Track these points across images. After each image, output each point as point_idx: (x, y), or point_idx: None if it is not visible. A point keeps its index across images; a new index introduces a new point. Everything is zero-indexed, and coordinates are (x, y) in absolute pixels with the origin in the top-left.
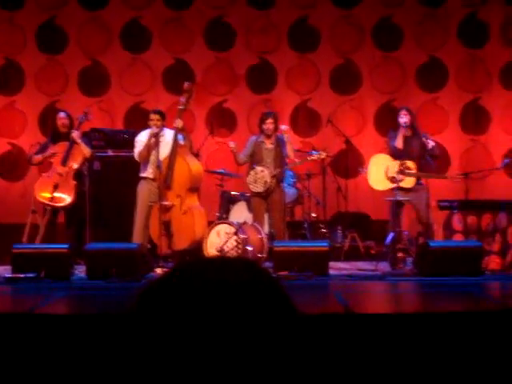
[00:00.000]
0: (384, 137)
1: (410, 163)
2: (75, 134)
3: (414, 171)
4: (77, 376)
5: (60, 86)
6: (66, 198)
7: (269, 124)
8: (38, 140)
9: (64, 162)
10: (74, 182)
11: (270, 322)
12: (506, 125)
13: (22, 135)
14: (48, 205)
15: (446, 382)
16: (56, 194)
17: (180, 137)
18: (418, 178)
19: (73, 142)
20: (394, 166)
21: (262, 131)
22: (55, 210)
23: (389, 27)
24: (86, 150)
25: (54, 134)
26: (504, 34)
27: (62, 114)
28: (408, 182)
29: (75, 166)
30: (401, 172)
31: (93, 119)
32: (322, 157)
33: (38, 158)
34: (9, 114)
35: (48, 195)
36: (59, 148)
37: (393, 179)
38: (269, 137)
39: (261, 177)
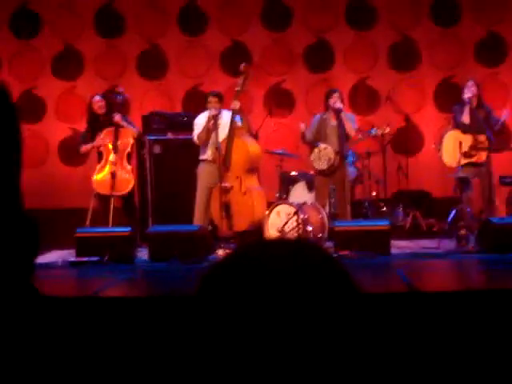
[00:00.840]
0: (444, 113)
1: (481, 137)
2: (118, 117)
3: (486, 145)
4: (141, 357)
5: (119, 70)
6: (126, 185)
7: (335, 98)
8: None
9: (115, 149)
10: (130, 167)
11: (332, 302)
12: None
13: (82, 120)
14: (111, 195)
15: None
16: (116, 183)
17: (237, 118)
18: (489, 153)
19: (117, 127)
20: (467, 141)
21: (327, 107)
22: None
23: (447, 2)
24: (132, 131)
25: (93, 119)
26: None
27: (97, 98)
28: (481, 157)
29: (127, 150)
30: (474, 147)
31: (152, 102)
32: (387, 131)
33: (87, 147)
34: (69, 100)
35: (108, 186)
36: (106, 136)
37: (466, 154)
38: (334, 113)
39: (324, 154)
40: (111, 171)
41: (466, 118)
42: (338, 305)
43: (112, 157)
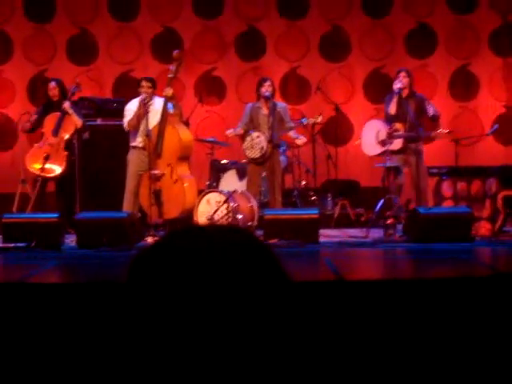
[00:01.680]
0: (373, 103)
1: (398, 125)
2: (66, 105)
3: (401, 132)
4: (68, 345)
5: (48, 55)
6: (57, 169)
7: (267, 86)
8: (26, 109)
9: (55, 133)
10: (66, 153)
11: (261, 288)
12: (495, 91)
13: (11, 105)
14: (39, 175)
15: (437, 348)
16: (47, 165)
17: (170, 105)
18: (413, 140)
19: (64, 113)
20: (384, 129)
21: (259, 96)
22: (45, 180)
23: None
24: (78, 121)
25: (47, 104)
26: None
27: (52, 84)
28: (396, 144)
29: (66, 136)
30: (390, 135)
31: (82, 88)
32: (319, 120)
33: (27, 125)
34: None
35: (39, 166)
36: (51, 119)
37: (383, 143)
38: (266, 102)
39: (257, 142)
40: (46, 153)
41: (392, 109)
42: (268, 290)
43: (51, 139)
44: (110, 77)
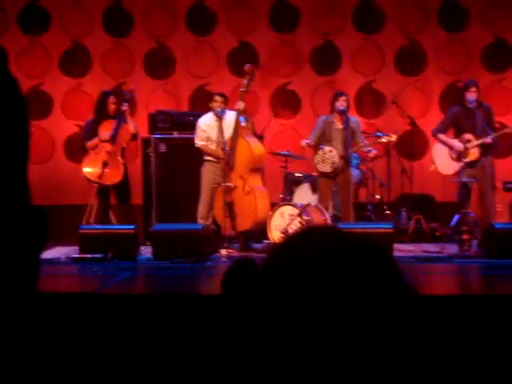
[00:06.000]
0: None
1: (467, 135)
2: (126, 108)
3: (474, 141)
4: (143, 355)
5: (126, 69)
6: (114, 176)
7: (342, 101)
8: None
9: (112, 140)
10: (122, 161)
11: (387, 303)
12: None
13: (88, 117)
14: (97, 182)
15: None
16: (105, 173)
17: (242, 118)
18: (485, 150)
19: (120, 121)
20: (455, 144)
21: (333, 110)
22: (105, 191)
23: (454, 7)
24: (133, 126)
25: (102, 116)
26: None
27: (112, 98)
28: (473, 154)
29: (123, 144)
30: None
31: (159, 101)
32: (393, 139)
33: (93, 142)
34: (76, 97)
35: (97, 172)
36: (108, 126)
37: (458, 158)
38: (340, 116)
39: (329, 157)
40: (104, 160)
41: (465, 121)
42: (392, 304)
43: (108, 147)
44: (186, 90)
